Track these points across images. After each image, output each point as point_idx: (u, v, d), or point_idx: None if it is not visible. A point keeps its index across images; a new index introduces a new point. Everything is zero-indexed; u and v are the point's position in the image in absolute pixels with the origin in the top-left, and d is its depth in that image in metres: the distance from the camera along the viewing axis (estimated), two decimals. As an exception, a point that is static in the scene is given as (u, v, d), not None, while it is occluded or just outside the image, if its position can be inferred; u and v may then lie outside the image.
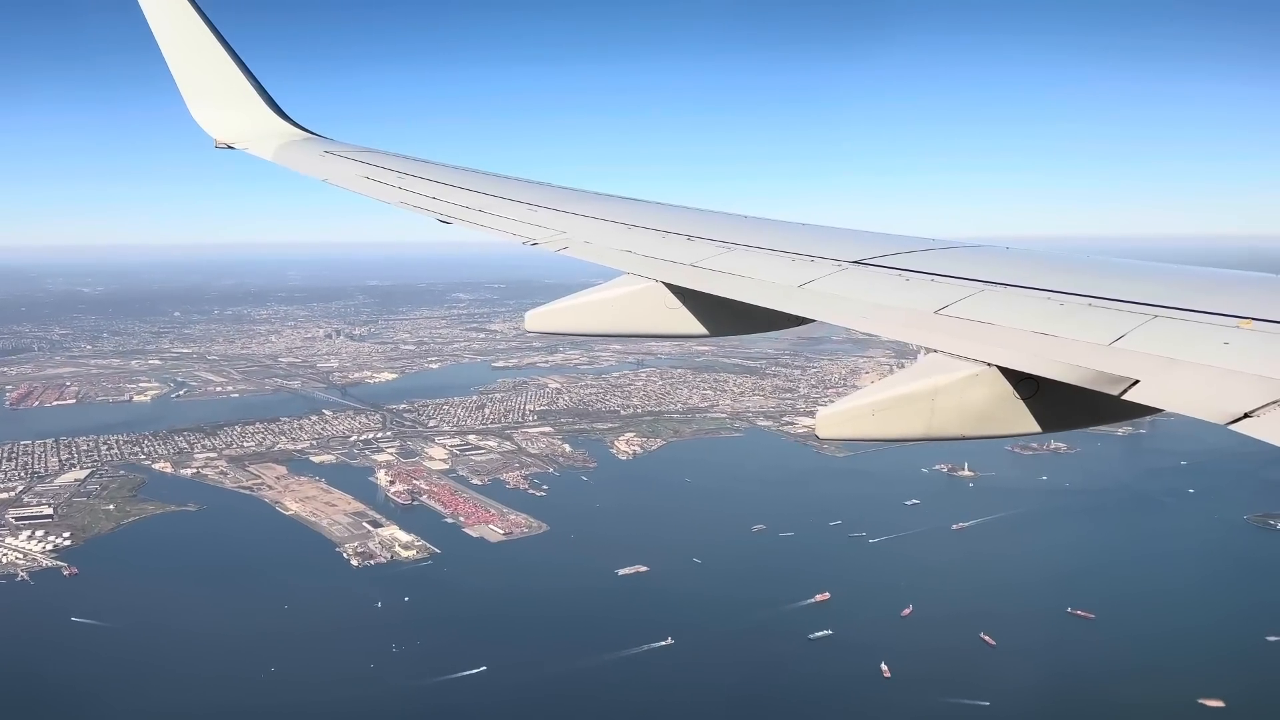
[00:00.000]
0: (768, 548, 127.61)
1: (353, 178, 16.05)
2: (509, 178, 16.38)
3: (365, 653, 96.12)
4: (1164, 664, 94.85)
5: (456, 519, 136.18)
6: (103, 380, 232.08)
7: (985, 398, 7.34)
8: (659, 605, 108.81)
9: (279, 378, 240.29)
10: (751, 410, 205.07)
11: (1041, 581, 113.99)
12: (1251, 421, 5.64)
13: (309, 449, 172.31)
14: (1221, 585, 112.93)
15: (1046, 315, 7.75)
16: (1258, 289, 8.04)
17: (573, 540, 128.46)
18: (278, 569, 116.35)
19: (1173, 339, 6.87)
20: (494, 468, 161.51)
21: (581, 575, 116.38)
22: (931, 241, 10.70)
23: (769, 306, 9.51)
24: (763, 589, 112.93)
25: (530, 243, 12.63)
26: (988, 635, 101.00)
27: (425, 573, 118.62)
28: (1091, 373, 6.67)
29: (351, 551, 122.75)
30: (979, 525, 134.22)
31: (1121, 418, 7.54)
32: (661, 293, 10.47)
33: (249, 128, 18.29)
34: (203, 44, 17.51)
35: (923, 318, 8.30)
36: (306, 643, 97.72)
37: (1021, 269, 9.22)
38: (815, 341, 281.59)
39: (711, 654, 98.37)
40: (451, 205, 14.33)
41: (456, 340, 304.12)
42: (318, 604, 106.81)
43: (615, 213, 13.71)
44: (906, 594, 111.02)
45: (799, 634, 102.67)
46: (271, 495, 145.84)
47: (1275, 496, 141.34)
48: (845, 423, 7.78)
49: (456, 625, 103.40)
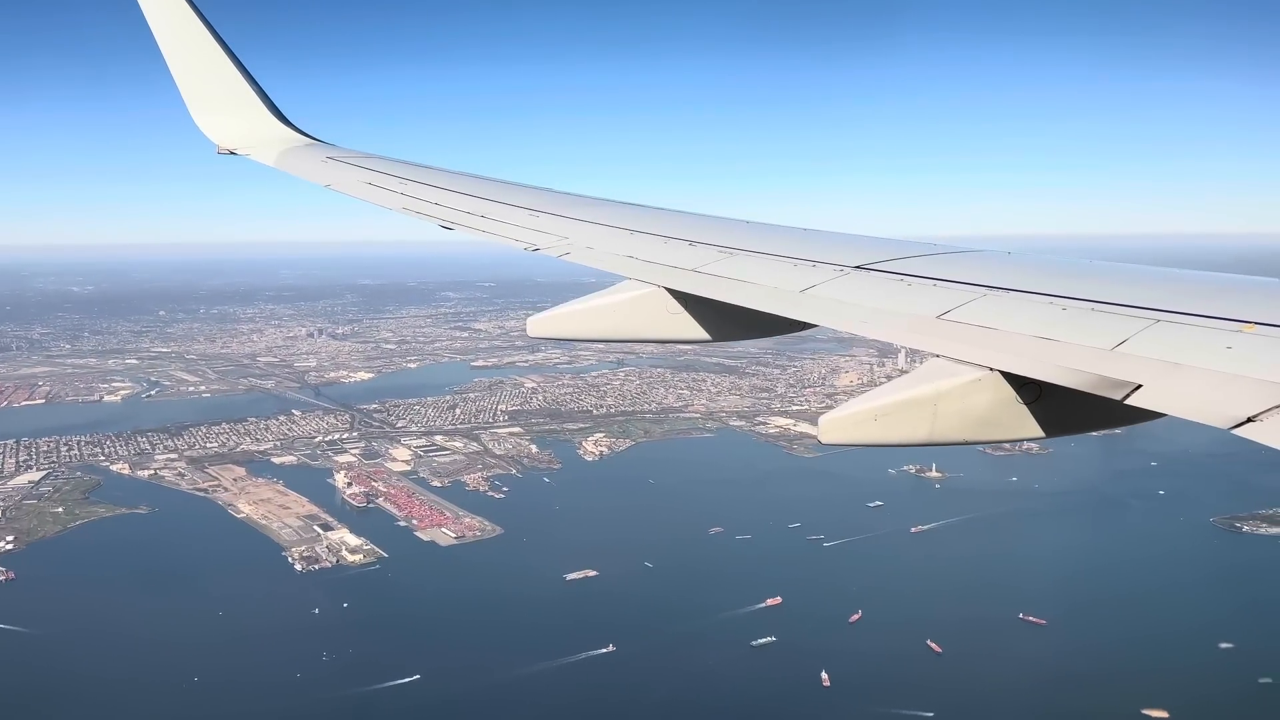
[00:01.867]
0: (723, 551, 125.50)
1: (355, 184, 16.04)
2: (511, 183, 16.33)
3: (294, 661, 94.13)
4: (1112, 672, 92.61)
5: (409, 522, 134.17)
6: (75, 380, 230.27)
7: (988, 402, 7.35)
8: (604, 611, 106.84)
9: (254, 377, 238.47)
10: (726, 410, 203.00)
11: (996, 586, 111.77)
12: (1254, 426, 5.63)
13: (272, 450, 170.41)
14: (1179, 590, 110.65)
15: (1049, 320, 7.74)
16: (1260, 293, 7.96)
17: (525, 544, 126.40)
18: (219, 574, 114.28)
19: (1175, 344, 6.85)
20: (457, 469, 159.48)
21: (529, 580, 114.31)
22: (933, 246, 10.64)
23: (771, 312, 9.47)
24: (713, 593, 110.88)
25: (533, 248, 12.54)
26: (935, 642, 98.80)
27: (370, 577, 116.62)
28: (1094, 377, 6.66)
29: (297, 556, 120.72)
30: (939, 528, 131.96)
31: (1124, 422, 7.48)
32: (663, 298, 10.47)
33: (251, 134, 18.28)
34: (205, 50, 17.52)
35: (925, 323, 8.31)
36: (235, 650, 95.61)
37: (1023, 274, 9.13)
38: (800, 340, 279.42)
39: (651, 661, 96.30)
40: (454, 211, 14.33)
41: (439, 339, 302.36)
42: (254, 610, 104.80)
43: (617, 218, 13.62)
44: (857, 599, 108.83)
45: (742, 640, 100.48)
46: (226, 497, 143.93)
47: (1245, 498, 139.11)
48: (848, 428, 7.72)
49: (394, 632, 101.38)
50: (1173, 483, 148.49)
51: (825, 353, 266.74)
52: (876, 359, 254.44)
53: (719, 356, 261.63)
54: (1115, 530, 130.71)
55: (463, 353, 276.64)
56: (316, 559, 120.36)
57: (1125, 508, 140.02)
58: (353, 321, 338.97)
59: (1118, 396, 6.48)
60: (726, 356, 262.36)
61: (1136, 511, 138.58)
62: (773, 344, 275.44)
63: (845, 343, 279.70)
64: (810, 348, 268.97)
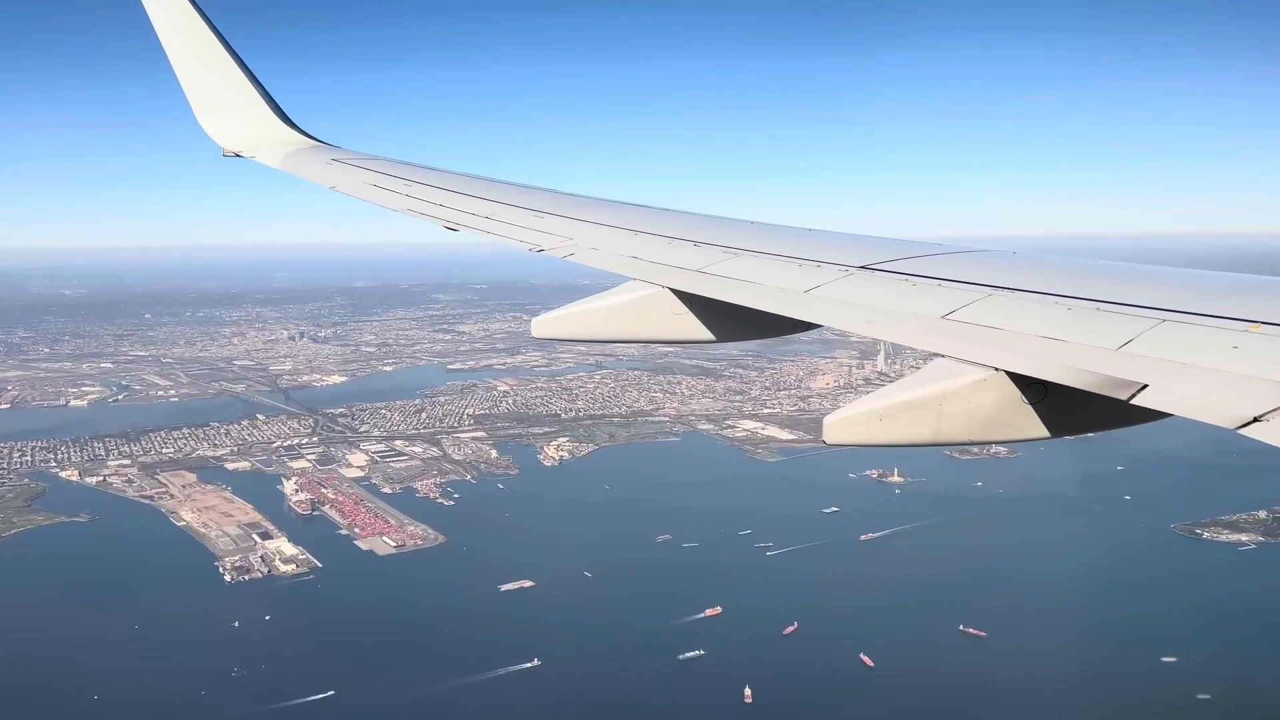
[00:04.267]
0: (668, 559, 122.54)
1: (360, 185, 16.08)
2: (515, 184, 16.30)
3: (202, 677, 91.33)
4: (1047, 688, 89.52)
5: (351, 530, 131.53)
6: (46, 384, 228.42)
7: (993, 402, 7.27)
8: (535, 624, 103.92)
9: (226, 381, 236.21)
10: (696, 413, 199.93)
11: (940, 596, 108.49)
12: (1261, 426, 5.60)
13: (228, 455, 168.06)
14: (1129, 600, 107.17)
15: (1054, 320, 7.69)
16: (1267, 293, 7.88)
17: (465, 553, 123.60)
18: (145, 585, 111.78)
19: (1181, 343, 6.83)
20: (411, 475, 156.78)
21: (462, 591, 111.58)
22: (938, 246, 10.56)
23: (775, 312, 9.43)
24: (650, 604, 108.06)
25: (537, 249, 12.48)
26: (868, 656, 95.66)
27: (300, 588, 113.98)
28: (1100, 377, 6.63)
29: (229, 566, 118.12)
30: (890, 535, 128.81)
31: (1130, 422, 7.35)
32: (668, 299, 10.42)
33: (256, 136, 18.34)
34: (209, 52, 17.58)
35: (930, 323, 8.27)
36: (145, 666, 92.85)
37: (1028, 274, 9.07)
38: (784, 342, 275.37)
39: (573, 677, 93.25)
40: (458, 212, 14.30)
41: (421, 342, 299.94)
42: (171, 623, 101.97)
43: (621, 218, 13.56)
44: (795, 610, 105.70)
45: (670, 654, 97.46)
46: (171, 505, 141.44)
47: (1212, 503, 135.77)
48: (852, 428, 7.59)
49: (314, 645, 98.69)
50: (1141, 487, 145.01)
51: (807, 355, 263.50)
52: (857, 361, 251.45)
53: (699, 359, 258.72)
54: (1073, 537, 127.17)
55: (441, 356, 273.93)
56: (248, 569, 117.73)
57: (1087, 514, 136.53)
58: (337, 324, 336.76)
59: (1123, 396, 6.42)
60: (706, 359, 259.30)
61: (1098, 517, 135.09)
62: (755, 346, 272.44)
63: (829, 344, 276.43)
64: (793, 350, 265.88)
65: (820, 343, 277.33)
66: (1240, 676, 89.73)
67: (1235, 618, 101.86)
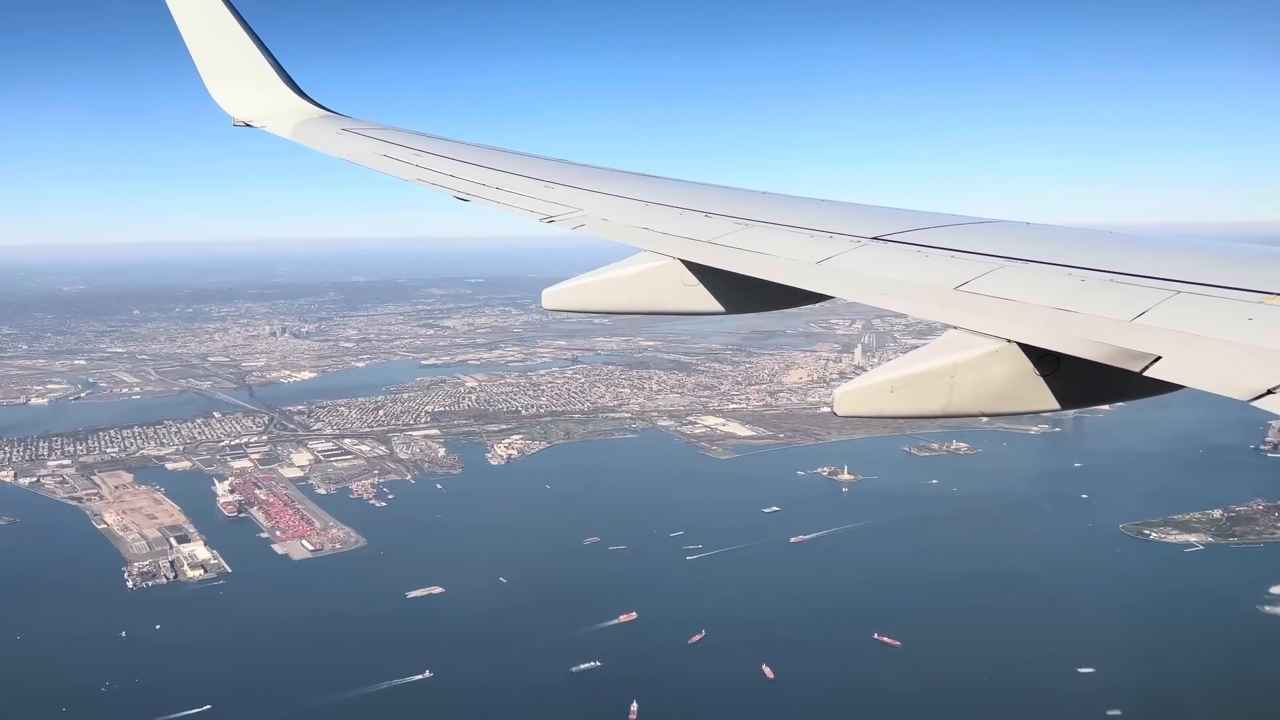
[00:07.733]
0: (591, 563, 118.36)
1: (370, 155, 15.82)
2: (526, 155, 15.98)
3: (68, 691, 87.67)
4: (951, 700, 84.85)
5: (273, 533, 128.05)
6: (11, 382, 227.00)
7: (1005, 375, 7.15)
8: (436, 632, 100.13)
9: (194, 378, 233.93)
10: (659, 409, 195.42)
11: (861, 602, 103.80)
12: (1274, 398, 5.48)
13: (171, 455, 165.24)
14: (1058, 606, 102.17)
15: (1067, 291, 7.52)
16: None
17: (381, 557, 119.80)
18: (44, 591, 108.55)
19: (1195, 315, 6.64)
20: (350, 475, 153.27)
21: (369, 597, 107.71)
22: (951, 218, 10.30)
23: (786, 283, 9.23)
24: (559, 612, 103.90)
25: (547, 219, 12.27)
26: (769, 667, 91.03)
27: (202, 595, 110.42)
28: (1113, 349, 6.51)
29: (136, 571, 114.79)
30: (824, 537, 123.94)
31: (1142, 394, 7.18)
32: (679, 270, 10.21)
33: (266, 105, 18.04)
34: (220, 22, 17.39)
35: (942, 294, 8.06)
36: (15, 679, 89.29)
37: (1042, 245, 8.78)
38: (768, 335, 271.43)
39: (462, 690, 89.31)
40: (468, 183, 14.02)
41: (402, 337, 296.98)
42: (56, 633, 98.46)
43: (632, 190, 13.28)
44: (707, 617, 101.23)
45: (565, 666, 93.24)
46: (98, 506, 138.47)
47: (1166, 502, 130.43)
48: (863, 400, 7.47)
49: (199, 657, 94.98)
50: (1097, 485, 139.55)
51: (790, 348, 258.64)
52: (835, 355, 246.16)
53: (676, 354, 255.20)
54: (1015, 538, 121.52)
55: (419, 351, 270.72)
56: (154, 574, 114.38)
57: (1036, 513, 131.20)
58: (323, 320, 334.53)
59: (1136, 368, 6.25)
60: (684, 353, 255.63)
61: (1046, 517, 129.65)
62: (739, 340, 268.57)
63: (812, 337, 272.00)
64: (774, 344, 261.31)
65: (804, 335, 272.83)
66: (1156, 691, 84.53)
67: (1164, 626, 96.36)
